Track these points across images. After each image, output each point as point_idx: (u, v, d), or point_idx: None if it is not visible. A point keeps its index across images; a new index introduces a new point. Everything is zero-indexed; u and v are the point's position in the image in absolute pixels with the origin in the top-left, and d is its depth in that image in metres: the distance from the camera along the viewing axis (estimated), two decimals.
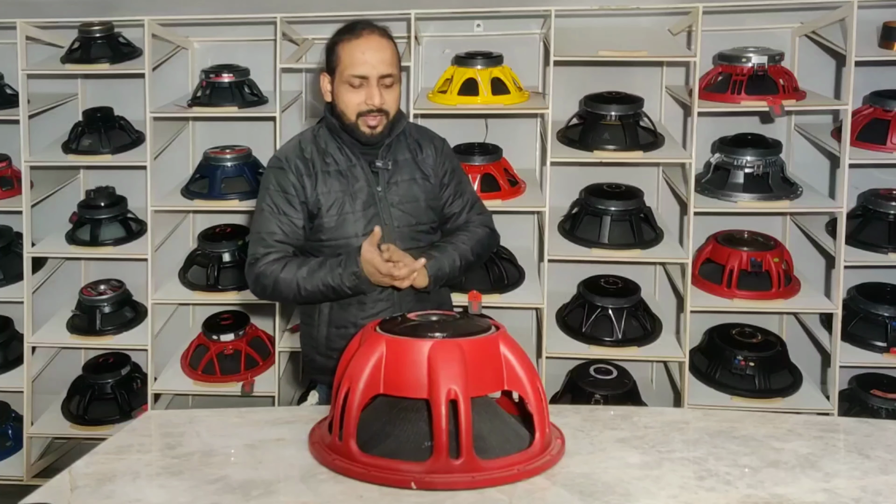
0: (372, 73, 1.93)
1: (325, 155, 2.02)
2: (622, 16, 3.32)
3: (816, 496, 1.41)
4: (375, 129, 1.97)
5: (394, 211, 2.01)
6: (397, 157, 2.05)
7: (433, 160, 2.09)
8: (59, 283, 3.59)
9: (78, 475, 1.51)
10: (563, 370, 3.29)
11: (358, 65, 1.92)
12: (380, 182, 2.01)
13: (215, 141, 3.48)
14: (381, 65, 1.93)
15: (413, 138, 2.10)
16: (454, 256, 2.02)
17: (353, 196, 2.00)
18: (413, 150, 2.08)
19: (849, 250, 3.06)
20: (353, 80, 1.93)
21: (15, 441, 3.44)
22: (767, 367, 3.09)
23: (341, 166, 2.01)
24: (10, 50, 3.26)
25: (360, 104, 1.94)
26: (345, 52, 1.95)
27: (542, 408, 1.52)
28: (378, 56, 1.93)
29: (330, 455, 1.51)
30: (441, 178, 2.09)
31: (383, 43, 1.96)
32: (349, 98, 1.95)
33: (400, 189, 2.03)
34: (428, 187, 2.06)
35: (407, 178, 2.04)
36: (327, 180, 2.00)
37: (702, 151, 3.24)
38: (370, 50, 1.93)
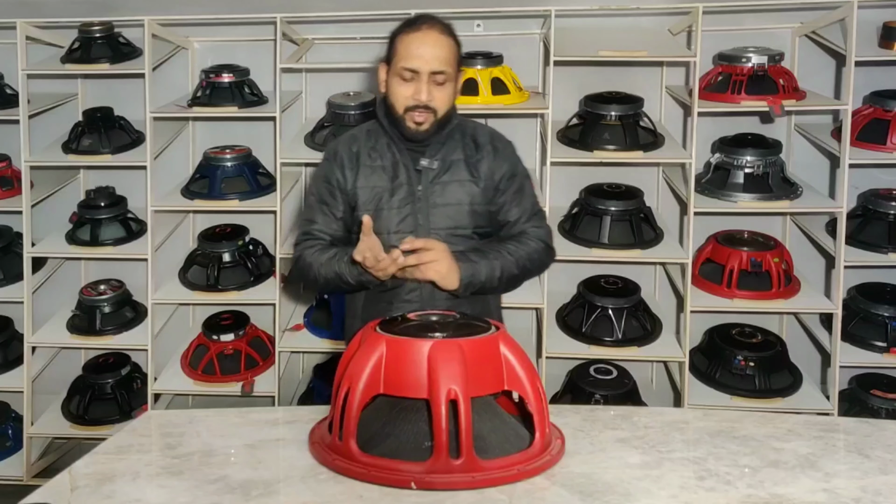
0: (423, 69, 1.88)
1: (374, 150, 2.00)
2: (622, 16, 3.32)
3: (816, 496, 1.41)
4: (421, 126, 1.92)
5: (433, 211, 1.96)
6: (448, 157, 1.98)
7: (489, 162, 1.99)
8: (59, 283, 3.59)
9: (78, 475, 1.51)
10: (563, 370, 3.29)
11: (411, 58, 1.89)
12: (422, 181, 1.96)
13: (215, 141, 3.48)
14: (433, 61, 1.88)
15: (471, 138, 2.02)
16: (494, 266, 1.93)
17: (391, 193, 1.97)
18: (468, 150, 2.00)
19: (849, 250, 3.06)
20: (404, 73, 1.89)
21: (15, 441, 3.44)
22: (767, 367, 3.09)
23: (386, 162, 1.99)
24: (10, 50, 3.26)
25: (408, 98, 1.90)
26: (401, 44, 1.91)
27: (542, 408, 1.52)
28: (432, 52, 1.89)
29: (330, 455, 1.51)
30: (497, 183, 1.99)
31: (441, 40, 1.91)
32: (399, 90, 1.91)
33: (444, 190, 1.96)
34: (476, 191, 1.98)
35: (454, 179, 1.97)
36: (370, 175, 1.98)
37: (702, 151, 3.24)
38: (425, 45, 1.89)
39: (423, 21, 1.94)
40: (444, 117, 1.95)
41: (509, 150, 2.05)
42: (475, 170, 1.99)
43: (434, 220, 1.96)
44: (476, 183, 1.98)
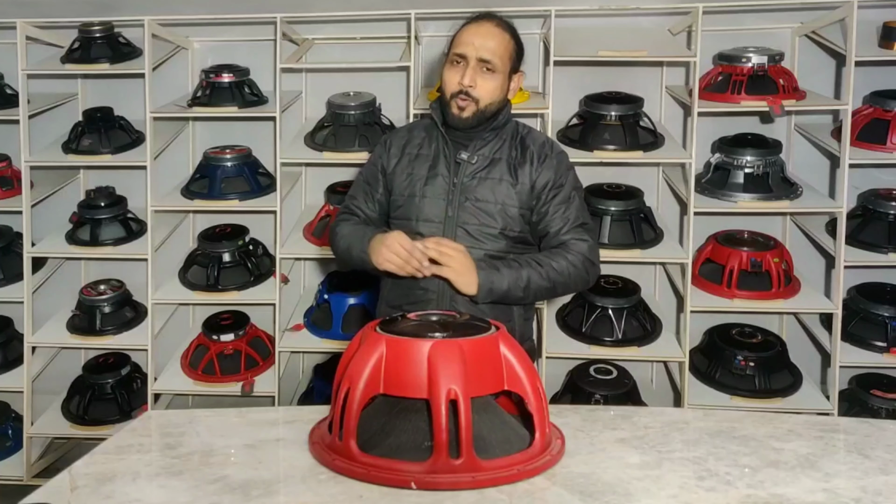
0: (471, 54, 1.91)
1: (424, 139, 2.05)
2: (622, 16, 3.32)
3: (816, 496, 1.41)
4: (463, 113, 1.93)
5: (464, 205, 1.97)
6: (492, 154, 1.99)
7: (532, 168, 1.98)
8: (59, 283, 3.59)
9: (78, 475, 1.51)
10: (563, 370, 3.29)
11: (462, 45, 1.94)
12: (459, 174, 1.98)
13: (215, 141, 3.49)
14: (482, 49, 1.91)
15: (520, 140, 2.02)
16: (521, 275, 1.90)
17: (426, 181, 2.00)
18: (514, 151, 2.00)
19: (849, 250, 3.06)
20: (454, 58, 1.94)
21: (15, 441, 3.44)
22: (767, 367, 3.09)
23: (429, 151, 2.03)
24: (10, 50, 3.26)
25: (454, 84, 1.94)
26: (457, 35, 1.97)
27: (542, 408, 1.52)
28: (482, 41, 1.92)
29: (330, 455, 1.51)
30: (539, 190, 1.98)
31: (495, 31, 1.94)
32: (448, 76, 1.96)
33: (480, 186, 1.97)
34: (512, 192, 1.97)
35: (492, 176, 1.98)
36: (412, 162, 2.03)
37: (702, 151, 3.24)
38: (477, 34, 1.93)
39: (483, 15, 1.98)
40: (487, 109, 1.95)
41: (558, 160, 2.02)
42: (515, 172, 1.98)
43: (463, 215, 1.97)
44: (513, 185, 1.98)
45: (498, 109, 1.98)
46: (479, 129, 1.98)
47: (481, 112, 1.94)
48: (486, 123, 1.97)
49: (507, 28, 1.98)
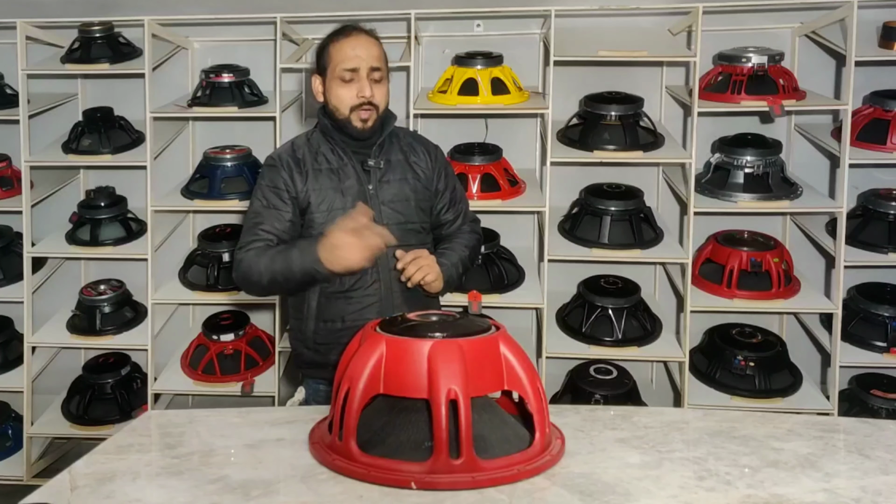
0: (362, 66, 2.00)
1: (318, 155, 2.08)
2: (622, 16, 3.32)
3: (816, 496, 1.41)
4: (367, 123, 2.03)
5: (384, 209, 2.06)
6: (390, 157, 2.10)
7: (426, 163, 2.14)
8: (59, 283, 3.59)
9: (78, 475, 1.51)
10: (563, 370, 3.29)
11: (349, 59, 2.00)
12: (371, 180, 2.06)
13: (215, 141, 3.49)
14: (370, 58, 2.01)
15: (406, 141, 2.16)
16: (457, 264, 2.10)
17: (343, 193, 2.04)
18: (406, 151, 2.13)
19: (849, 250, 3.06)
20: (344, 75, 2.00)
21: (15, 441, 3.44)
22: (767, 367, 3.09)
23: (333, 165, 2.07)
24: (10, 50, 3.26)
25: (351, 98, 2.01)
26: (335, 50, 2.03)
27: (542, 408, 1.52)
28: (367, 51, 2.02)
29: (330, 455, 1.51)
30: (435, 184, 2.15)
31: (371, 41, 2.05)
32: (341, 93, 2.02)
33: (391, 188, 2.07)
34: (419, 188, 2.11)
35: (399, 177, 2.09)
36: (318, 178, 2.05)
37: (702, 151, 3.24)
38: (360, 46, 2.02)
39: (351, 28, 2.07)
40: (384, 115, 2.07)
41: (440, 153, 2.21)
42: (414, 169, 2.12)
43: (386, 216, 2.05)
44: (418, 179, 2.12)
45: (387, 113, 2.09)
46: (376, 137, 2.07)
47: (380, 118, 2.06)
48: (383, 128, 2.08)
49: (376, 35, 2.09)
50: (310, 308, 2.09)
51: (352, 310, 2.05)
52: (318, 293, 2.07)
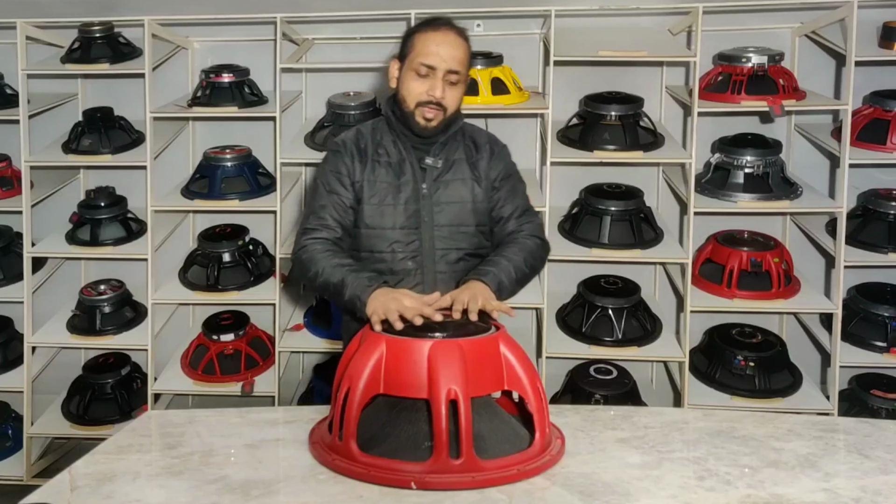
0: (440, 66, 1.93)
1: (379, 146, 2.03)
2: (622, 16, 3.32)
3: (816, 496, 1.41)
4: (430, 123, 1.96)
5: (437, 209, 1.99)
6: (450, 157, 2.03)
7: (486, 162, 2.05)
8: (59, 283, 3.59)
9: (78, 475, 1.51)
10: (563, 370, 3.29)
11: (429, 55, 1.93)
12: (426, 179, 2.00)
13: (215, 141, 3.48)
14: (451, 60, 1.94)
15: (470, 139, 2.08)
16: (509, 269, 1.93)
17: (397, 189, 2.00)
18: (468, 150, 2.05)
19: (849, 250, 3.06)
20: (420, 69, 1.93)
21: (15, 441, 3.44)
22: (767, 367, 3.09)
23: (392, 158, 2.02)
24: (10, 50, 3.26)
25: (421, 93, 1.94)
26: (419, 41, 1.96)
27: (542, 408, 1.52)
28: (450, 52, 1.94)
29: (330, 455, 1.51)
30: (492, 182, 2.06)
31: (458, 41, 1.97)
32: (413, 85, 1.95)
33: (448, 188, 2.01)
34: (477, 189, 2.03)
35: (457, 178, 2.02)
36: (376, 169, 2.01)
37: (702, 151, 3.24)
38: (444, 44, 1.94)
39: (443, 22, 1.99)
40: (451, 117, 1.99)
41: (505, 152, 2.12)
42: (475, 169, 2.04)
43: (438, 218, 1.99)
44: (477, 181, 2.03)
45: (456, 116, 2.03)
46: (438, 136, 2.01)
47: (447, 120, 1.99)
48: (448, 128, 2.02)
49: (465, 35, 2.01)
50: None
51: None
52: None
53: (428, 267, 1.99)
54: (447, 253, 1.99)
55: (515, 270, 1.94)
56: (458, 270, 1.99)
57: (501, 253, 1.98)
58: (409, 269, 1.98)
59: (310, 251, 1.95)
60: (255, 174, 3.33)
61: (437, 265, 1.99)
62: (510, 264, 1.93)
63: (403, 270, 1.98)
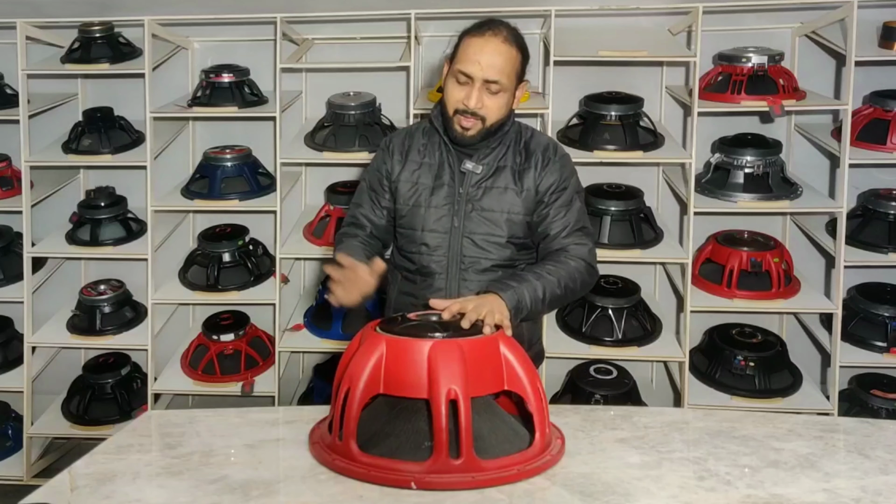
0: (477, 75, 1.86)
1: (425, 147, 2.01)
2: (622, 16, 3.32)
3: (816, 496, 1.41)
4: (467, 132, 1.90)
5: (470, 215, 1.94)
6: (496, 163, 1.96)
7: (536, 173, 1.96)
8: (59, 283, 3.59)
9: (78, 475, 1.51)
10: (563, 370, 3.29)
11: (468, 62, 1.86)
12: (464, 184, 1.95)
13: (215, 141, 3.49)
14: (489, 69, 1.86)
15: (524, 145, 1.99)
16: (536, 287, 1.81)
17: (432, 191, 1.97)
18: (517, 157, 1.97)
19: (849, 250, 3.06)
20: (459, 76, 1.88)
21: (15, 441, 3.44)
22: (767, 367, 3.09)
23: (433, 160, 1.99)
24: (10, 50, 3.26)
25: (458, 101, 1.88)
26: (464, 46, 1.90)
27: (542, 408, 1.52)
28: (490, 60, 1.86)
29: (330, 455, 1.51)
30: (541, 195, 1.95)
31: (502, 48, 1.88)
32: (452, 91, 1.90)
33: (487, 195, 1.94)
34: (517, 200, 1.95)
35: (498, 185, 1.95)
36: (416, 170, 2.00)
37: (702, 151, 3.24)
38: (485, 52, 1.87)
39: (491, 26, 1.91)
40: (493, 125, 1.92)
41: (561, 163, 1.99)
42: (520, 179, 1.96)
43: (469, 225, 1.95)
44: (518, 192, 1.95)
45: (500, 126, 1.95)
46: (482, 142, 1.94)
47: (486, 130, 1.91)
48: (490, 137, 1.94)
49: (515, 41, 1.92)
50: (390, 299, 2.09)
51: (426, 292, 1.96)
52: (397, 287, 2.05)
53: (454, 273, 1.95)
54: (475, 261, 1.95)
55: (546, 290, 1.82)
56: (486, 280, 1.93)
57: (535, 269, 1.87)
58: (435, 272, 1.96)
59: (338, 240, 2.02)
60: (255, 174, 3.33)
61: (465, 273, 1.95)
62: (539, 283, 1.81)
63: (430, 273, 1.97)
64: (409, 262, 2.01)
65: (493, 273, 1.95)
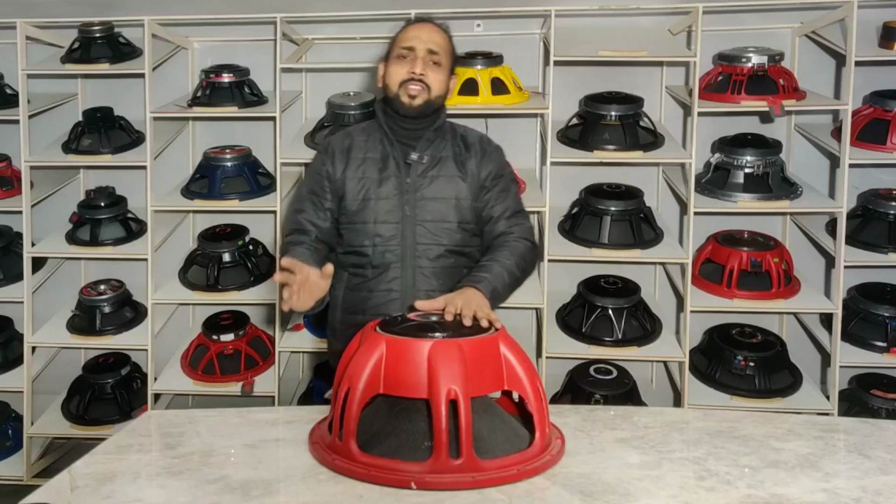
0: (419, 46, 1.99)
1: (366, 143, 2.08)
2: (622, 16, 3.32)
3: (816, 496, 1.41)
4: (414, 100, 1.99)
5: (420, 204, 2.02)
6: (438, 153, 2.06)
7: (477, 161, 2.08)
8: (59, 283, 3.59)
9: (78, 475, 1.51)
10: (563, 370, 3.29)
11: (408, 39, 2.02)
12: (410, 174, 2.03)
13: (215, 141, 3.49)
14: (430, 42, 2.01)
15: (461, 137, 2.11)
16: (503, 273, 1.93)
17: (379, 183, 2.03)
18: (457, 148, 2.08)
19: (849, 250, 3.06)
20: (401, 52, 2.01)
21: (15, 441, 3.44)
22: (767, 367, 3.09)
23: (376, 154, 2.06)
24: (10, 50, 3.26)
25: (403, 73, 1.99)
26: (400, 34, 2.05)
27: (542, 408, 1.52)
28: (428, 35, 2.02)
29: (330, 455, 1.51)
30: (483, 181, 2.07)
31: (437, 29, 2.06)
32: (395, 69, 2.01)
33: (433, 184, 2.03)
34: (462, 186, 2.05)
35: (443, 174, 2.04)
36: (360, 165, 2.05)
37: (702, 151, 3.24)
38: (424, 30, 2.03)
39: (420, 18, 2.11)
40: (436, 100, 2.02)
41: (497, 153, 2.14)
42: (463, 167, 2.06)
43: (420, 213, 2.02)
44: (463, 179, 2.05)
45: (440, 106, 2.05)
46: (423, 129, 2.04)
47: (430, 102, 2.01)
48: (429, 119, 2.04)
49: (447, 31, 2.09)
50: (336, 298, 2.11)
51: (374, 303, 2.04)
52: (345, 285, 2.08)
53: (409, 261, 2.02)
54: (429, 248, 2.02)
55: (508, 275, 1.94)
56: (439, 266, 2.03)
57: (494, 258, 1.97)
58: (390, 262, 2.02)
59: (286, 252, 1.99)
60: (255, 174, 3.33)
61: (419, 260, 2.03)
62: (503, 270, 1.93)
63: (384, 264, 2.03)
64: (361, 256, 2.04)
65: (445, 259, 2.03)
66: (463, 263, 2.05)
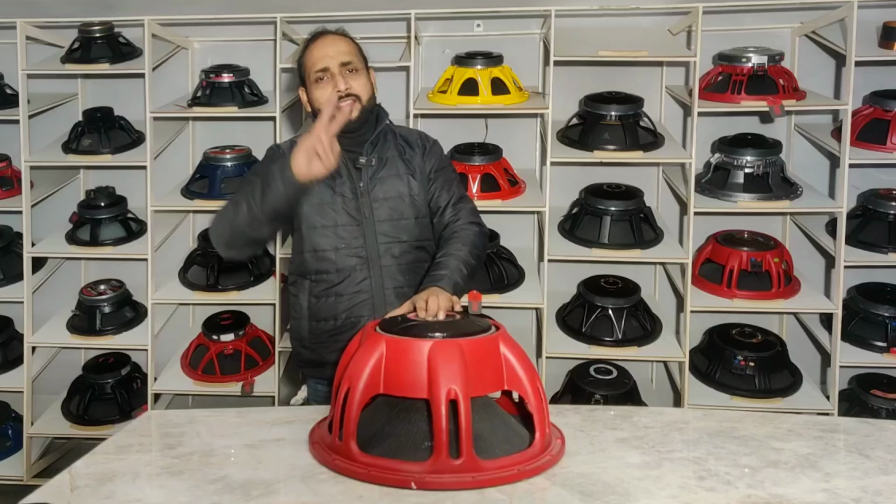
0: (332, 63, 2.01)
1: None
2: (622, 16, 3.32)
3: (816, 496, 1.41)
4: (352, 115, 2.00)
5: (376, 205, 2.06)
6: (384, 155, 2.11)
7: (420, 157, 2.14)
8: (59, 283, 3.59)
9: (78, 475, 1.51)
10: (563, 370, 3.29)
11: (318, 61, 2.03)
12: (363, 177, 2.07)
13: (215, 141, 3.49)
14: (338, 55, 2.02)
15: (401, 137, 2.17)
16: (460, 266, 2.00)
17: (334, 190, 2.06)
18: (400, 148, 2.14)
19: (849, 250, 3.06)
20: (318, 76, 2.03)
21: (15, 441, 3.44)
22: (767, 367, 3.09)
23: None
24: (10, 50, 3.26)
25: (330, 95, 2.00)
26: (307, 58, 2.07)
27: (542, 408, 1.52)
28: (334, 48, 2.04)
29: (330, 455, 1.51)
30: (427, 174, 2.14)
31: (337, 38, 2.07)
32: (320, 94, 2.03)
33: (384, 184, 2.08)
34: (414, 183, 2.11)
35: (392, 173, 2.10)
36: None
37: (702, 151, 3.24)
38: (326, 46, 2.04)
39: (317, 33, 2.10)
40: (368, 104, 2.05)
41: (437, 147, 2.21)
42: (409, 164, 2.12)
43: (378, 213, 2.07)
44: (413, 175, 2.12)
45: (373, 105, 2.09)
46: (366, 132, 2.07)
47: (365, 109, 2.04)
48: (369, 123, 2.07)
49: (343, 32, 2.11)
50: (302, 308, 2.11)
51: (343, 307, 2.06)
52: (308, 293, 2.09)
53: (373, 261, 2.05)
54: (391, 246, 2.06)
55: (465, 266, 2.01)
56: (404, 262, 2.07)
57: (448, 252, 2.03)
58: (355, 265, 2.05)
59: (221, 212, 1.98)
60: None
61: (382, 259, 2.06)
62: (459, 262, 2.00)
63: (349, 267, 2.05)
64: (324, 261, 2.06)
65: (409, 255, 2.08)
66: (425, 258, 2.11)
